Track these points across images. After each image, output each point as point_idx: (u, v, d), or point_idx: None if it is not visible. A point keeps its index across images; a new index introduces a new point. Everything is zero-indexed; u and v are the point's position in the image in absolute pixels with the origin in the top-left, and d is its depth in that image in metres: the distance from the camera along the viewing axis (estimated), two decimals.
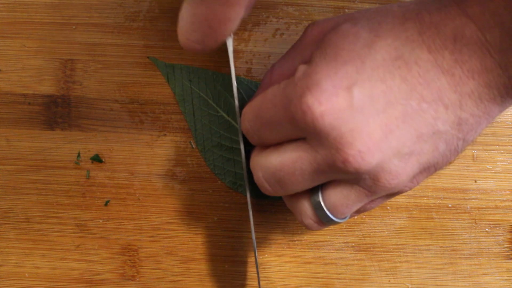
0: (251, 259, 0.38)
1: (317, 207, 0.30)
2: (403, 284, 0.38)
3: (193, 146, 0.38)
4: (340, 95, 0.26)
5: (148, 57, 0.39)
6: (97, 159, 0.38)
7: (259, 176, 0.31)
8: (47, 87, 0.39)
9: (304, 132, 0.27)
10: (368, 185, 0.28)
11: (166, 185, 0.38)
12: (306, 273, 0.38)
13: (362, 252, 0.39)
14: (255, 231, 0.38)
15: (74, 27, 0.39)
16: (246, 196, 0.38)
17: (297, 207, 0.31)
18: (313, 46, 0.31)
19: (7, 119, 0.38)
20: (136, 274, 0.38)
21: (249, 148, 0.35)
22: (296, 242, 0.38)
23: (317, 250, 0.38)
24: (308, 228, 0.31)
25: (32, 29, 0.39)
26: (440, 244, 0.39)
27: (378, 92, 0.26)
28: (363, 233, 0.39)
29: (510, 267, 0.39)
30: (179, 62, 0.39)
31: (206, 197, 0.38)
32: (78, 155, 0.38)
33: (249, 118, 0.31)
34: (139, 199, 0.38)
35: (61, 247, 0.38)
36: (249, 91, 0.38)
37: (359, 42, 0.27)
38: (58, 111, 0.38)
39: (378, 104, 0.26)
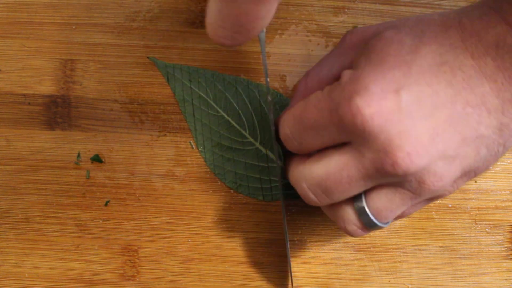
0: (250, 259, 0.38)
1: (361, 213, 0.30)
2: (403, 284, 0.38)
3: (193, 146, 0.38)
4: (389, 98, 0.26)
5: (148, 57, 0.39)
6: (97, 159, 0.38)
7: (303, 187, 0.31)
8: (47, 87, 0.39)
9: (351, 135, 0.27)
10: (413, 187, 0.28)
11: (166, 185, 0.38)
12: (306, 273, 0.38)
13: (362, 252, 0.38)
14: (255, 231, 0.38)
15: (74, 27, 0.39)
16: (246, 196, 0.38)
17: (339, 214, 0.31)
18: (353, 52, 0.31)
19: (7, 119, 0.38)
20: (136, 274, 0.38)
21: (249, 147, 0.35)
22: (296, 242, 0.38)
23: (317, 250, 0.38)
24: (351, 235, 0.31)
25: (32, 29, 0.39)
26: (440, 244, 0.39)
27: (425, 96, 0.27)
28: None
29: (510, 267, 0.39)
30: (179, 62, 0.39)
31: (206, 197, 0.38)
32: (78, 155, 0.38)
33: (290, 124, 0.31)
34: (139, 199, 0.38)
35: (61, 247, 0.38)
36: (248, 91, 0.38)
37: (404, 48, 0.28)
38: (58, 111, 0.38)
39: (425, 108, 0.27)
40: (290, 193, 0.37)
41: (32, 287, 0.38)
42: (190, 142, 0.39)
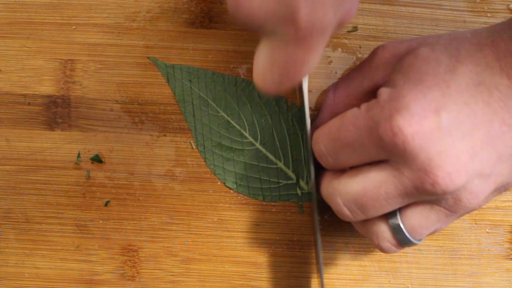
0: (250, 260, 0.38)
1: (396, 230, 0.30)
2: (403, 284, 0.38)
3: (193, 146, 0.39)
4: (429, 118, 0.27)
5: (148, 57, 0.39)
6: (97, 159, 0.38)
7: (338, 202, 0.31)
8: (47, 87, 0.39)
9: (390, 154, 0.28)
10: (449, 205, 0.29)
11: (166, 186, 0.38)
12: (307, 273, 0.38)
13: (362, 252, 0.38)
14: (255, 231, 0.38)
15: (74, 27, 0.39)
16: (246, 196, 0.38)
17: (373, 231, 0.31)
18: (386, 68, 0.32)
19: (7, 119, 0.38)
20: (136, 274, 0.38)
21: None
22: (296, 242, 0.38)
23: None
24: (384, 252, 0.32)
25: (32, 29, 0.39)
26: (440, 244, 0.39)
27: (464, 116, 0.27)
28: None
29: (510, 267, 0.39)
30: (179, 62, 0.39)
31: (206, 197, 0.38)
32: (78, 156, 0.38)
33: (325, 141, 0.31)
34: (139, 199, 0.38)
35: (61, 247, 0.38)
36: (248, 91, 0.38)
37: (442, 67, 0.28)
38: (58, 111, 0.38)
39: (464, 127, 0.27)
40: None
41: (32, 287, 0.38)
42: (190, 142, 0.39)
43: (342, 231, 0.38)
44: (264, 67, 0.28)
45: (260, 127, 0.38)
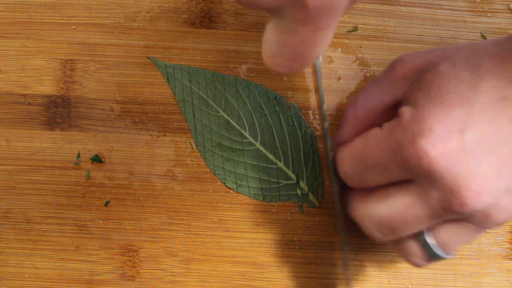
0: (250, 260, 0.38)
1: (426, 246, 0.30)
2: (403, 284, 0.38)
3: (193, 146, 0.38)
4: (454, 139, 0.26)
5: (148, 57, 0.39)
6: (97, 159, 0.38)
7: (368, 226, 0.31)
8: (47, 87, 0.39)
9: (416, 175, 0.28)
10: (479, 221, 0.29)
11: (166, 186, 0.38)
12: (306, 273, 0.38)
13: (362, 252, 0.38)
14: (255, 232, 0.38)
15: (74, 27, 0.39)
16: (246, 196, 0.38)
17: (404, 247, 0.31)
18: (405, 83, 0.31)
19: (7, 119, 0.38)
20: (136, 274, 0.38)
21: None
22: (296, 242, 0.38)
23: (317, 250, 0.38)
24: (415, 266, 0.32)
25: (32, 29, 0.39)
26: None
27: (489, 134, 0.27)
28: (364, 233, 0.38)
29: (510, 267, 0.39)
30: (179, 62, 0.39)
31: (206, 197, 0.38)
32: (78, 156, 0.38)
33: (350, 163, 0.31)
34: (139, 199, 0.38)
35: (61, 247, 0.38)
36: (248, 91, 0.38)
37: (463, 84, 0.28)
38: (58, 111, 0.38)
39: (489, 145, 0.27)
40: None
41: (32, 287, 0.38)
42: (190, 142, 0.39)
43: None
44: (273, 48, 0.27)
45: (260, 127, 0.38)
